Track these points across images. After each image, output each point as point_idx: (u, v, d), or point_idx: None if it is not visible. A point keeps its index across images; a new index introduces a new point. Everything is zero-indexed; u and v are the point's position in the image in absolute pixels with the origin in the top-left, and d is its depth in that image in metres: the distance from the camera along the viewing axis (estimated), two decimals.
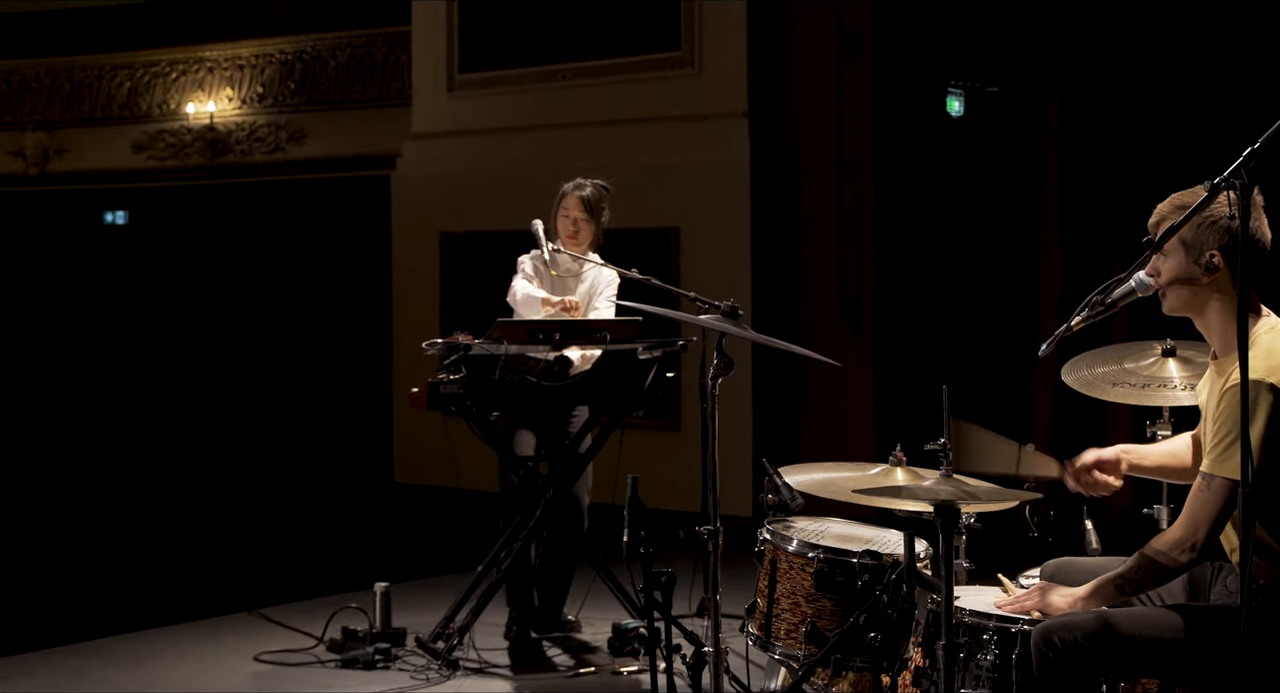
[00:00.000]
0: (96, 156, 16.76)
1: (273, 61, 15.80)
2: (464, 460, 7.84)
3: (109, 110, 16.73)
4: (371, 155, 14.59)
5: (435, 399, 6.72)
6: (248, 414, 15.49)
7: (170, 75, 16.38)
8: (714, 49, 11.67)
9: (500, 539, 7.13)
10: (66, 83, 16.90)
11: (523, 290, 7.12)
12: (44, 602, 8.50)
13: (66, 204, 16.83)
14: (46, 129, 16.88)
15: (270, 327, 15.78)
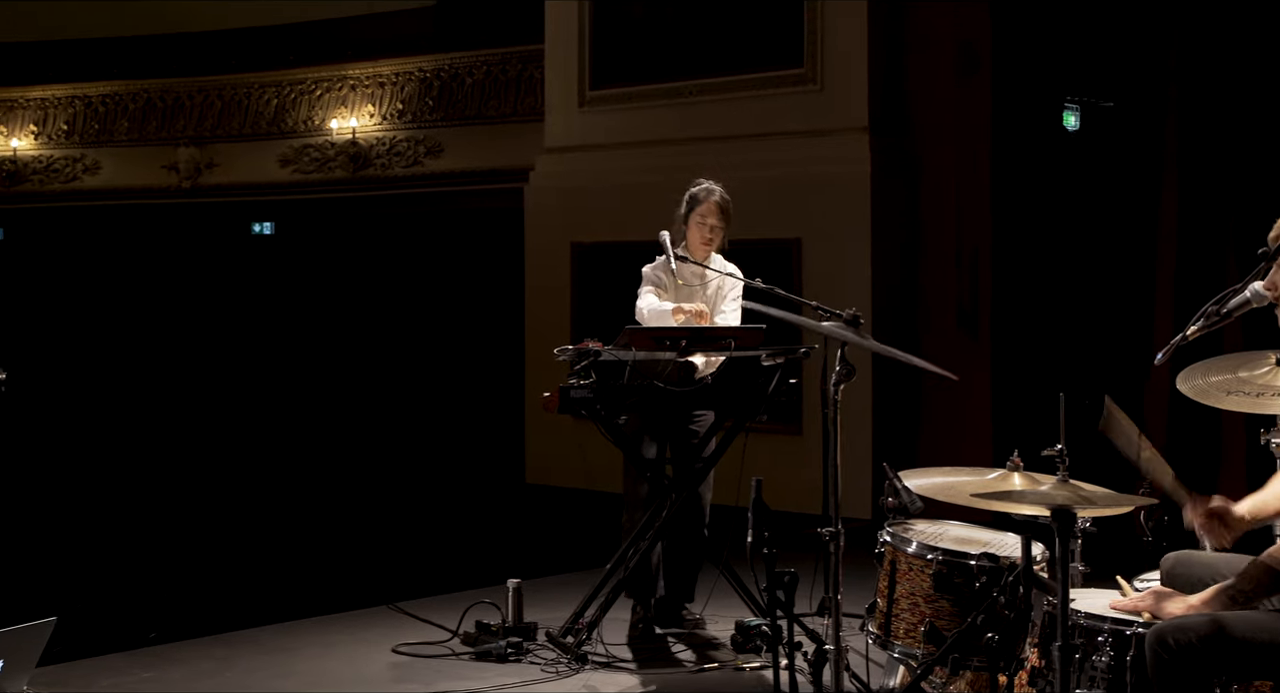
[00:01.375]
0: (245, 170, 16.96)
1: (412, 79, 15.94)
2: (593, 462, 7.87)
3: (257, 126, 16.94)
4: (505, 169, 14.66)
5: (566, 403, 6.74)
6: (388, 417, 15.62)
7: (315, 93, 16.56)
8: (836, 66, 11.64)
9: (627, 538, 7.15)
10: (218, 100, 17.13)
11: (650, 307, 7.11)
12: (195, 594, 8.62)
13: (216, 215, 17.04)
14: (198, 144, 17.11)
15: (408, 333, 15.91)
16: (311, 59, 16.66)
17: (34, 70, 17.85)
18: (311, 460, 14.56)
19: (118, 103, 17.57)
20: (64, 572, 9.25)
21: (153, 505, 12.19)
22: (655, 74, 12.74)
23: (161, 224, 17.28)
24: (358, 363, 16.13)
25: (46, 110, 17.79)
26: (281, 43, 17.01)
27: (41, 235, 17.64)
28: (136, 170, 17.41)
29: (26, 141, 17.69)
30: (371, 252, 16.33)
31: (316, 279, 16.58)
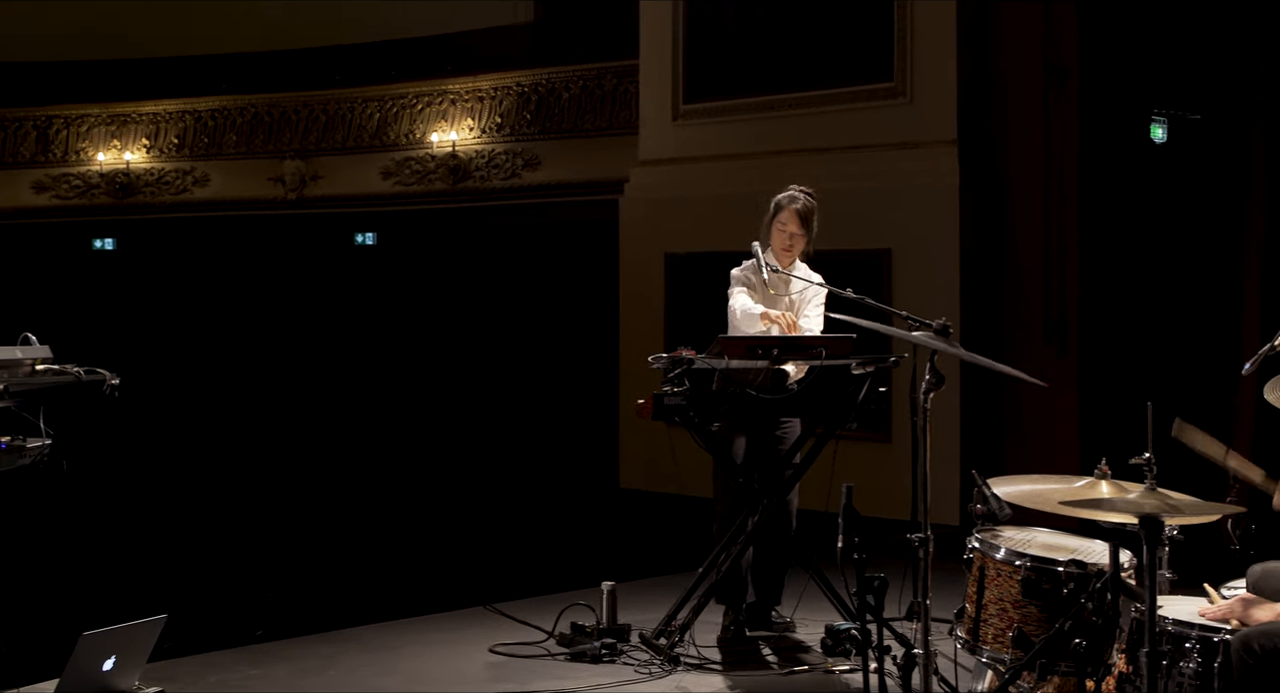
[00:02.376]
0: (348, 182, 17.11)
1: (510, 94, 16.02)
2: (685, 468, 7.87)
3: (360, 140, 17.09)
4: (601, 181, 14.70)
5: (660, 410, 6.75)
6: (487, 422, 15.70)
7: (416, 107, 16.69)
8: (925, 79, 11.59)
9: (719, 543, 7.15)
10: (322, 114, 17.30)
11: (742, 307, 7.11)
12: (301, 592, 8.70)
13: (320, 226, 17.20)
14: (303, 157, 17.28)
15: (506, 341, 15.98)
16: (413, 74, 16.78)
17: (147, 86, 18.10)
18: (414, 465, 14.65)
19: (226, 117, 17.77)
20: (175, 570, 9.37)
21: (260, 506, 12.32)
22: (747, 88, 12.74)
23: (267, 235, 17.45)
24: (458, 369, 16.23)
25: (158, 125, 18.02)
26: (384, 58, 17.16)
27: (152, 245, 17.85)
28: (244, 182, 17.60)
29: (139, 155, 17.94)
30: (470, 261, 16.43)
31: (417, 288, 16.70)
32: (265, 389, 16.95)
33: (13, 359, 4.78)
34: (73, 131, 18.17)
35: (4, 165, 18.21)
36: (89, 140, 18.12)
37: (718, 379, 6.82)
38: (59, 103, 18.21)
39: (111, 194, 17.94)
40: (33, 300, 16.37)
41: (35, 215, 18.07)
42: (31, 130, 18.22)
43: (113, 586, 8.66)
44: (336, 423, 16.34)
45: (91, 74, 18.29)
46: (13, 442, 4.99)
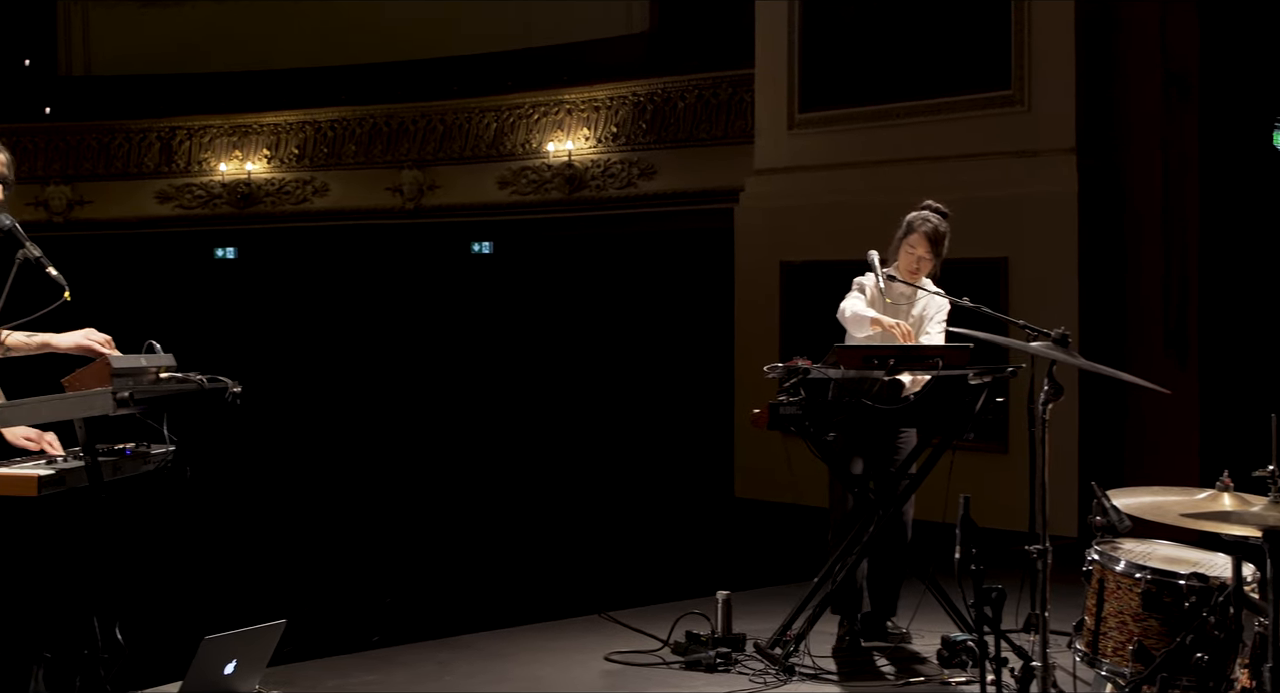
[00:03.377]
0: (465, 192, 17.23)
1: (626, 103, 16.08)
2: (801, 477, 7.84)
3: (477, 149, 17.21)
4: (716, 190, 14.71)
5: (775, 419, 6.74)
6: (600, 431, 15.74)
7: (533, 117, 16.79)
8: (1043, 87, 11.49)
9: (834, 553, 7.12)
10: (440, 125, 17.44)
11: (852, 309, 7.09)
12: (417, 599, 8.77)
13: (438, 235, 17.33)
14: (421, 167, 17.43)
15: (622, 349, 16.02)
16: (530, 84, 16.88)
17: (268, 98, 18.34)
18: (532, 472, 14.72)
19: (345, 128, 17.97)
20: (295, 575, 9.48)
21: (379, 512, 12.44)
22: (863, 97, 12.70)
23: (385, 244, 17.62)
24: (574, 378, 16.29)
25: (279, 135, 18.25)
26: (501, 69, 17.27)
27: (273, 255, 18.08)
28: (363, 192, 17.78)
29: (260, 165, 18.18)
30: (586, 270, 16.49)
31: (533, 297, 16.78)
32: (383, 398, 17.11)
33: (137, 367, 4.85)
34: (195, 143, 18.45)
35: (128, 176, 18.52)
36: (211, 151, 18.39)
37: (833, 388, 6.79)
38: (182, 115, 18.50)
39: (233, 204, 18.19)
40: (156, 308, 16.63)
41: (159, 225, 18.38)
42: (155, 142, 18.53)
43: (234, 590, 8.78)
44: (454, 431, 16.46)
45: (214, 86, 18.57)
46: (137, 448, 5.07)
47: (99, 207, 18.46)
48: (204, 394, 4.96)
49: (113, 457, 4.93)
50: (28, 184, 17.54)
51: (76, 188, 18.46)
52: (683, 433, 14.98)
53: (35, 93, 18.90)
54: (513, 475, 14.61)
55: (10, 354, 4.91)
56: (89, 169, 18.55)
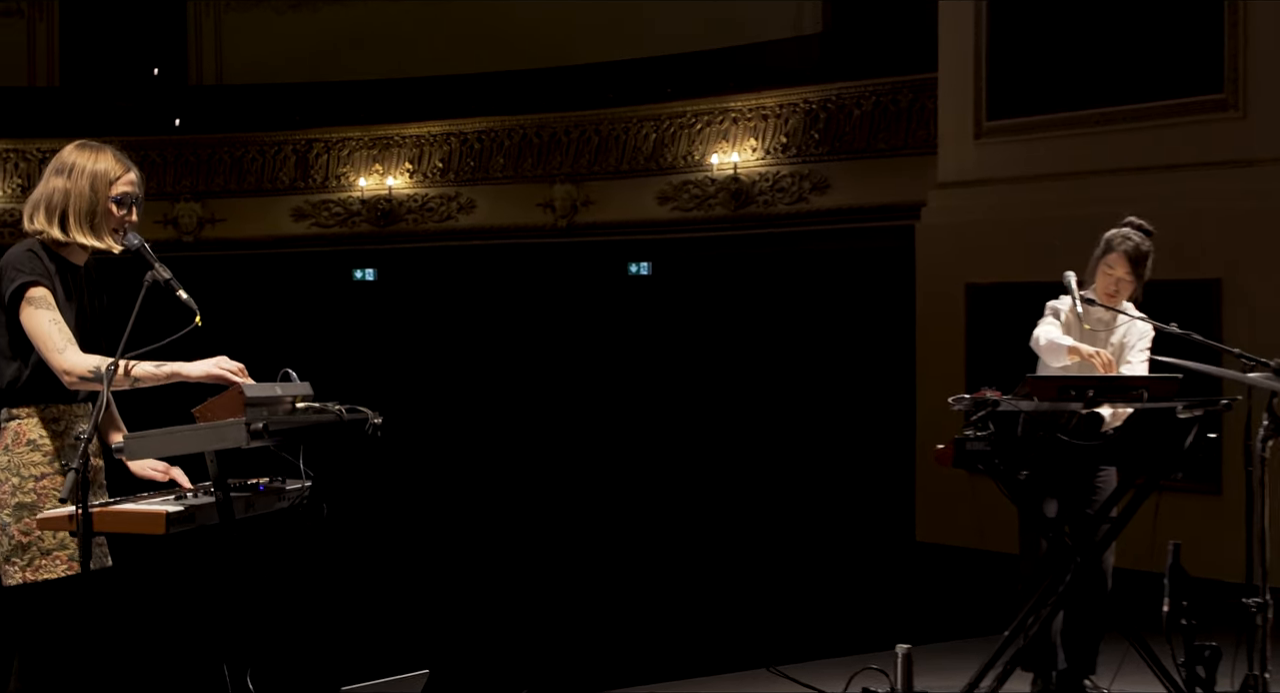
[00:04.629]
0: (622, 208, 17.31)
1: (797, 111, 16.06)
2: (988, 520, 7.78)
3: (635, 162, 17.27)
4: (895, 205, 14.64)
5: (961, 456, 6.67)
6: (769, 467, 15.70)
7: (695, 127, 16.82)
8: (1260, 91, 11.27)
9: (1026, 604, 7.03)
10: (594, 135, 17.54)
11: (1046, 336, 7.01)
12: (570, 647, 8.80)
13: (592, 255, 17.41)
14: (574, 181, 17.53)
15: (791, 379, 15.96)
16: (692, 91, 16.92)
17: (410, 107, 18.57)
18: (691, 511, 14.72)
19: (493, 139, 18.14)
20: (438, 619, 9.56)
21: (529, 550, 12.51)
22: (1057, 102, 12.57)
23: (536, 264, 17.74)
24: (738, 410, 16.26)
25: (422, 148, 18.47)
26: (661, 75, 17.33)
27: (415, 276, 18.27)
28: (511, 209, 17.93)
29: (402, 180, 18.41)
30: (752, 293, 16.46)
31: (695, 321, 16.78)
32: (531, 429, 17.20)
33: (272, 396, 4.93)
34: (333, 156, 18.74)
35: (262, 192, 18.86)
36: (350, 165, 18.66)
37: (1025, 423, 6.72)
38: (319, 126, 18.81)
39: (373, 221, 18.44)
40: (291, 333, 16.90)
41: (294, 244, 18.68)
42: (291, 155, 18.84)
43: (374, 636, 8.87)
44: (608, 465, 16.49)
45: (353, 95, 18.84)
46: (271, 483, 5.15)
47: (231, 224, 18.82)
48: (342, 426, 5.02)
49: (245, 493, 5.01)
50: (156, 201, 17.92)
51: (207, 204, 18.84)
52: (858, 470, 14.90)
53: (164, 104, 19.33)
54: (673, 514, 14.61)
55: (138, 385, 5.00)
56: (220, 184, 18.92)
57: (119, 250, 5.23)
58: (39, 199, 5.25)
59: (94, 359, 4.99)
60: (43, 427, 5.14)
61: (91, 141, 5.35)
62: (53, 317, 5.04)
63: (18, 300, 5.07)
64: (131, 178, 5.29)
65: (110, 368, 4.83)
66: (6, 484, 5.10)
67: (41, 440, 5.12)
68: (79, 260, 5.31)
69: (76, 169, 5.23)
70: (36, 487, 5.10)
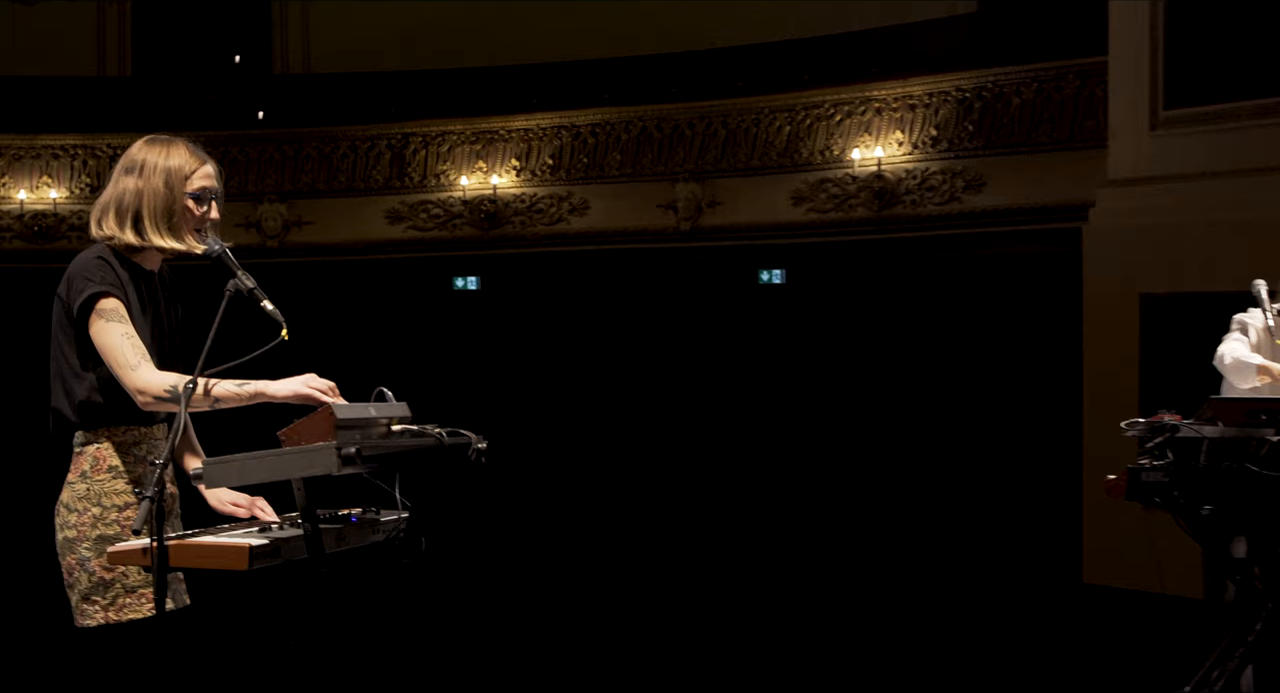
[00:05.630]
0: (752, 209, 17.27)
1: (948, 101, 15.97)
2: (1167, 561, 7.69)
3: (766, 158, 17.23)
4: (1059, 205, 14.53)
5: (1135, 488, 6.61)
6: (915, 496, 15.61)
7: (834, 118, 16.77)
8: None
9: (1211, 656, 6.95)
10: (721, 128, 17.52)
11: (1232, 354, 6.94)
12: None
13: (719, 261, 17.38)
14: (699, 179, 17.51)
15: (940, 397, 15.86)
16: (830, 78, 16.84)
17: (517, 98, 18.60)
18: (822, 543, 14.67)
19: (609, 133, 18.16)
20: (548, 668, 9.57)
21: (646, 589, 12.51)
22: (1245, 88, 12.42)
23: (656, 271, 17.73)
24: (883, 432, 16.17)
25: (530, 143, 18.52)
26: (796, 60, 17.26)
27: (522, 284, 18.30)
28: (629, 210, 17.93)
29: (508, 178, 18.47)
30: (898, 302, 16.37)
31: (834, 334, 16.71)
32: (650, 453, 17.18)
33: (366, 418, 4.94)
34: (432, 152, 18.83)
35: (354, 192, 18.98)
36: (450, 162, 18.74)
37: (1208, 451, 6.64)
38: (417, 119, 18.88)
39: (476, 225, 18.51)
40: (386, 348, 17.01)
41: (389, 249, 18.78)
42: (385, 151, 18.96)
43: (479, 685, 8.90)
44: (735, 491, 16.46)
45: (454, 84, 18.90)
46: (364, 515, 5.17)
47: (319, 228, 18.95)
48: (443, 451, 5.03)
49: (336, 525, 5.03)
50: (238, 201, 18.08)
51: (293, 206, 18.99)
52: (1016, 501, 14.78)
53: (246, 95, 19.46)
54: (812, 547, 14.57)
55: (218, 406, 5.03)
56: (308, 184, 19.06)
57: (201, 251, 5.28)
58: (108, 201, 5.30)
59: (170, 377, 5.03)
60: (124, 451, 5.18)
61: (162, 136, 5.40)
62: (125, 330, 5.08)
63: (87, 313, 5.11)
64: (209, 171, 5.34)
65: (188, 387, 4.86)
66: (86, 514, 5.16)
67: (124, 467, 5.17)
68: (152, 266, 5.36)
69: (148, 166, 5.28)
70: (120, 518, 5.14)
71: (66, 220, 18.44)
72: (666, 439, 17.25)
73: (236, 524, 5.19)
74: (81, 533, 5.13)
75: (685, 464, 17.00)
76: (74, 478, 5.22)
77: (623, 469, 17.13)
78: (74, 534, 5.17)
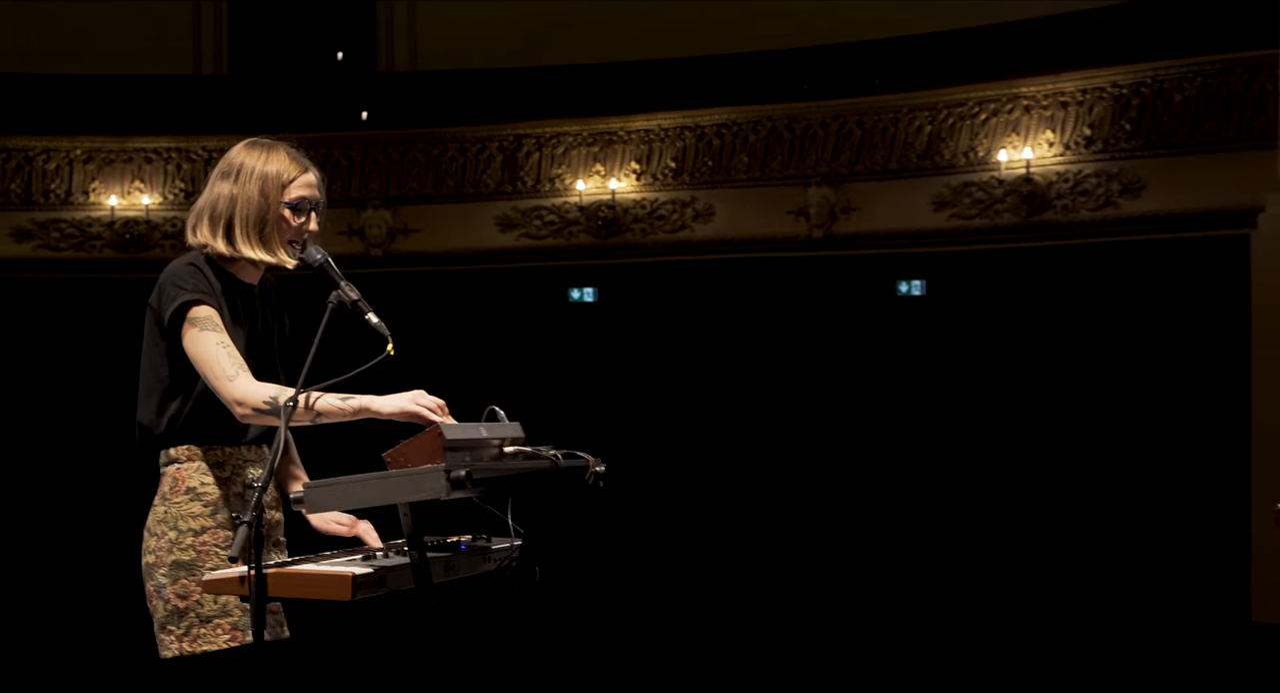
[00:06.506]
0: (889, 215, 17.18)
1: (1103, 97, 15.85)
2: None
3: (906, 160, 17.15)
4: (1224, 210, 14.41)
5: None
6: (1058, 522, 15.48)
7: (979, 116, 16.67)
8: None
9: None
10: (857, 128, 17.45)
11: None
12: None
13: (854, 272, 17.29)
14: (832, 183, 17.44)
15: (1090, 418, 15.71)
16: (975, 74, 16.73)
17: (637, 97, 18.58)
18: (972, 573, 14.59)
19: (736, 134, 18.14)
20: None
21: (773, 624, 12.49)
22: None
23: (786, 282, 17.67)
24: (1030, 455, 16.03)
25: (651, 144, 18.52)
26: (937, 55, 17.16)
27: (642, 296, 18.27)
28: (756, 217, 17.89)
29: (627, 182, 18.47)
30: (1045, 317, 16.23)
31: (977, 350, 16.59)
32: (781, 476, 17.13)
33: (477, 439, 4.95)
34: (546, 155, 18.86)
35: (463, 197, 19.02)
36: (566, 165, 18.77)
37: None
38: (530, 119, 18.89)
39: (593, 232, 18.52)
40: (498, 363, 17.04)
41: (500, 258, 18.80)
42: (497, 154, 19.01)
43: None
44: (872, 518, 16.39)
45: (570, 82, 18.91)
46: (474, 542, 5.18)
47: (426, 236, 19.01)
48: (558, 474, 5.03)
49: (445, 553, 5.04)
50: (340, 208, 18.16)
51: (399, 212, 19.06)
52: (1176, 531, 14.64)
53: (349, 94, 19.56)
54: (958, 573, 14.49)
55: (319, 421, 5.05)
56: (414, 189, 19.14)
57: (291, 266, 5.31)
58: (203, 207, 5.34)
59: (271, 388, 5.05)
60: (205, 472, 5.22)
61: (263, 139, 5.43)
62: (220, 339, 5.11)
63: (179, 321, 5.15)
64: (309, 180, 5.36)
65: (291, 401, 4.88)
66: (163, 539, 5.20)
67: (203, 488, 5.21)
68: (250, 278, 5.40)
69: (245, 171, 5.32)
70: (196, 543, 5.18)
71: (159, 228, 18.57)
72: (796, 464, 17.19)
73: (340, 551, 5.20)
74: (159, 558, 5.18)
75: (818, 491, 16.93)
76: (157, 500, 5.28)
77: (750, 497, 17.08)
78: (153, 560, 5.22)
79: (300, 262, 5.30)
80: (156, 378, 5.23)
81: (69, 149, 18.72)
